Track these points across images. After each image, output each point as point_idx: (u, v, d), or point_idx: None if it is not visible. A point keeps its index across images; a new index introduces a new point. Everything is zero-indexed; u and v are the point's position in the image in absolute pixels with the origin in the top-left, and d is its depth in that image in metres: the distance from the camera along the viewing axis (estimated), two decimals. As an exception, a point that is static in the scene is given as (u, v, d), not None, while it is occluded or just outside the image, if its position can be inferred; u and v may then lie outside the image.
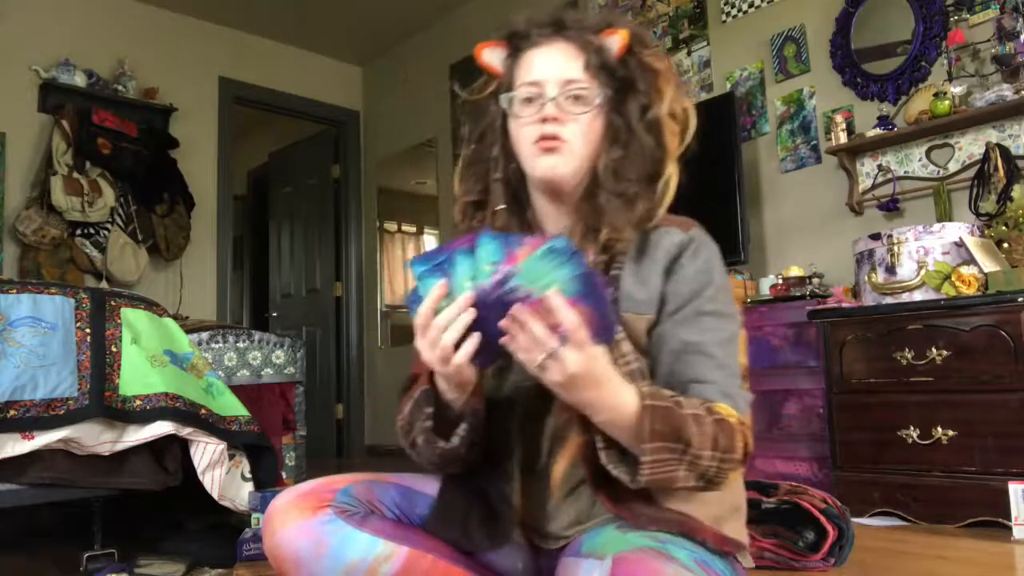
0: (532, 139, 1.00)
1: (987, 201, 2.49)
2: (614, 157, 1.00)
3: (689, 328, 0.97)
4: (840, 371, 2.39)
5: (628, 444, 0.88)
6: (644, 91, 1.02)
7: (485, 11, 4.63)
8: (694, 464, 0.87)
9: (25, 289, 1.91)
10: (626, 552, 0.86)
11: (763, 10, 3.34)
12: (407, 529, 1.06)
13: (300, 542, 0.99)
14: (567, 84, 1.00)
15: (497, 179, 1.06)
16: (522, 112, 1.02)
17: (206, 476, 1.97)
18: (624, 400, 0.86)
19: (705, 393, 0.94)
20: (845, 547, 1.54)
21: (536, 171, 1.01)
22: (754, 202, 3.26)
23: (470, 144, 1.11)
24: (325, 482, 1.06)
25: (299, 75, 5.20)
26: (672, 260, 0.99)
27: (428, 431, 1.00)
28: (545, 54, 1.02)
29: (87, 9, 4.35)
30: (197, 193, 4.54)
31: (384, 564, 1.00)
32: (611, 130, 1.02)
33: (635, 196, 1.00)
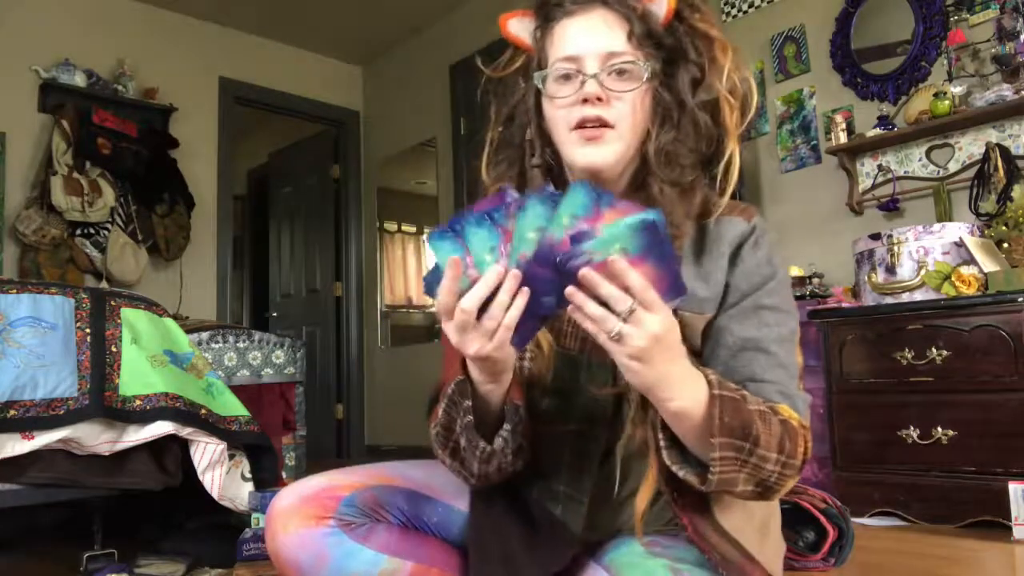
0: (571, 124, 0.88)
1: (987, 201, 2.49)
2: (666, 140, 0.89)
3: (747, 323, 0.89)
4: (840, 371, 2.39)
5: (693, 441, 0.80)
6: (696, 62, 0.91)
7: (485, 11, 4.62)
8: (758, 468, 0.79)
9: (25, 289, 1.91)
10: None
11: (763, 10, 3.34)
12: (412, 540, 1.02)
13: (301, 553, 0.96)
14: (609, 58, 0.87)
15: (536, 165, 0.95)
16: (558, 92, 0.89)
17: (206, 476, 1.97)
18: (696, 382, 0.77)
19: (763, 392, 0.86)
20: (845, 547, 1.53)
21: (577, 161, 0.90)
22: (754, 202, 3.26)
23: (497, 126, 1.00)
24: (328, 486, 1.00)
25: (299, 75, 5.20)
26: (734, 252, 0.91)
27: (471, 427, 0.89)
28: (582, 24, 0.89)
29: (87, 9, 4.35)
30: (197, 193, 4.54)
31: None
32: (661, 108, 0.90)
33: (692, 184, 0.90)
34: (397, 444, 4.87)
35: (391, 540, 0.98)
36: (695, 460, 0.81)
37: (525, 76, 0.97)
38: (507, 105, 0.99)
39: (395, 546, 0.97)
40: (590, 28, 0.89)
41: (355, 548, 0.95)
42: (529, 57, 0.96)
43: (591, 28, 0.89)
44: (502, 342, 0.76)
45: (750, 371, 0.87)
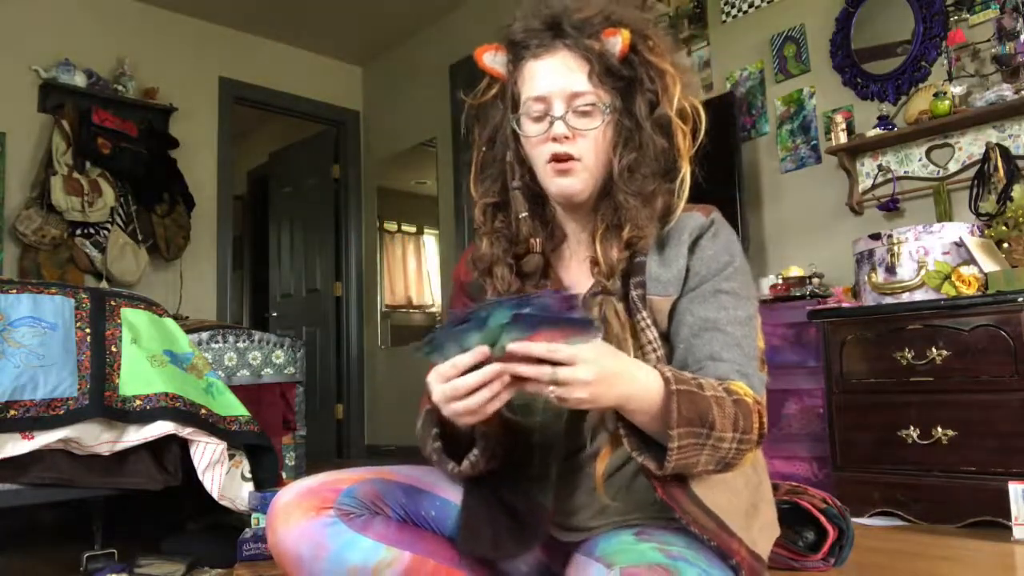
0: (545, 158, 1.00)
1: (987, 201, 2.48)
2: (628, 159, 1.00)
3: (706, 305, 0.97)
4: (840, 371, 2.39)
5: (655, 432, 0.88)
6: (651, 89, 1.01)
7: (485, 11, 4.62)
8: (716, 448, 0.88)
9: (25, 289, 1.91)
10: (635, 568, 0.84)
11: (763, 10, 3.34)
12: (411, 532, 1.04)
13: (301, 544, 0.99)
14: (573, 98, 0.98)
15: (516, 187, 1.06)
16: (531, 131, 1.01)
17: (206, 476, 1.97)
18: (650, 384, 0.86)
19: (720, 371, 0.94)
20: (845, 547, 1.53)
21: (551, 189, 1.02)
22: (754, 202, 3.26)
23: (481, 147, 1.11)
24: (329, 480, 1.04)
25: (299, 75, 5.20)
26: (694, 240, 1.00)
27: (439, 452, 1.00)
28: (547, 66, 1.00)
29: (87, 9, 4.35)
30: (197, 193, 4.54)
31: (385, 570, 0.99)
32: (622, 133, 1.01)
33: (653, 193, 1.00)
34: (397, 444, 4.87)
35: (389, 531, 1.01)
36: (655, 444, 0.89)
37: (502, 100, 1.07)
38: (488, 128, 1.10)
39: (393, 537, 1.01)
40: (554, 70, 0.99)
41: (354, 537, 0.98)
42: (503, 85, 1.06)
43: (555, 70, 0.99)
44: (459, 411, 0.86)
45: (710, 349, 0.95)
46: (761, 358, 1.02)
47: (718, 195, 3.32)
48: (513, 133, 1.05)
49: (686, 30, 3.61)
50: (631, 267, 0.99)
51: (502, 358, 0.81)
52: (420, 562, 1.01)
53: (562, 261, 1.10)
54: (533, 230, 1.05)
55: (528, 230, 1.05)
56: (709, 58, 3.51)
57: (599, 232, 1.01)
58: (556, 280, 1.08)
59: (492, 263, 1.07)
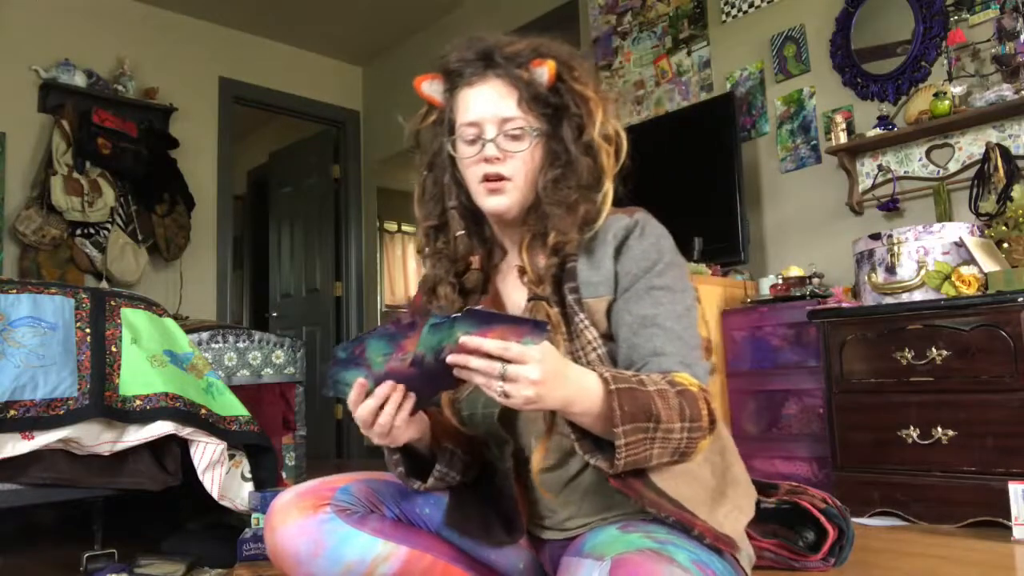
0: (478, 178, 1.06)
1: (987, 201, 2.48)
2: (553, 174, 1.05)
3: (642, 303, 1.01)
4: (840, 371, 2.39)
5: (602, 432, 0.90)
6: (576, 114, 1.06)
7: (484, 11, 4.63)
8: (666, 440, 0.90)
9: (25, 289, 1.91)
10: (625, 554, 0.86)
11: (763, 10, 3.34)
12: (407, 529, 1.06)
13: (299, 541, 1.00)
14: (504, 123, 1.04)
15: (453, 207, 1.13)
16: (465, 153, 1.07)
17: (206, 476, 1.97)
18: (590, 386, 0.88)
19: (664, 365, 0.97)
20: (845, 547, 1.53)
21: (484, 207, 1.08)
22: (754, 202, 3.26)
23: (423, 171, 1.17)
24: (326, 481, 1.07)
25: (299, 75, 5.20)
26: (621, 242, 1.04)
27: (402, 476, 1.07)
28: (480, 93, 1.06)
29: (87, 9, 4.35)
30: (197, 193, 4.54)
31: (382, 564, 1.01)
32: (550, 154, 1.06)
33: (576, 202, 1.04)
34: (397, 444, 4.86)
35: (385, 527, 1.05)
36: (608, 444, 0.90)
37: (440, 126, 1.13)
38: (428, 153, 1.16)
39: (390, 532, 1.03)
40: (486, 97, 1.06)
41: (351, 533, 1.00)
42: (440, 113, 1.13)
43: (487, 97, 1.06)
44: (394, 439, 0.98)
45: (652, 346, 0.99)
46: (705, 347, 1.05)
47: (718, 195, 3.34)
48: (450, 156, 1.11)
49: (686, 30, 3.61)
50: (563, 273, 1.04)
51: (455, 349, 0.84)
52: (417, 557, 1.03)
53: (501, 275, 1.14)
54: (471, 248, 1.12)
55: (466, 248, 1.11)
56: (709, 58, 3.51)
57: (525, 242, 1.07)
58: (495, 294, 1.12)
59: (436, 283, 1.13)
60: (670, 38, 3.68)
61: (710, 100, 3.35)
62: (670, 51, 3.67)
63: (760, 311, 2.77)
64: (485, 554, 1.08)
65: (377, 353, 0.92)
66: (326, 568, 1.00)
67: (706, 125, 3.18)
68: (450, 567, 1.06)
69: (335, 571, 1.00)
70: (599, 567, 0.86)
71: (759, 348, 2.75)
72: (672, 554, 0.87)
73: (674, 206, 3.31)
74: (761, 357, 2.74)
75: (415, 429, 1.01)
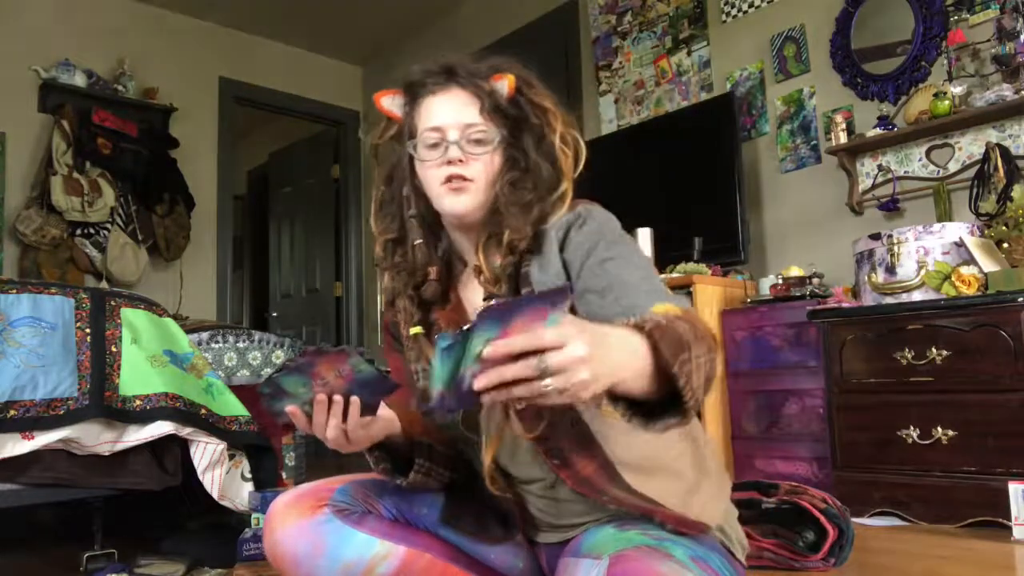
0: (440, 180, 1.06)
1: (987, 201, 2.48)
2: (511, 176, 1.07)
3: (599, 276, 1.00)
4: (840, 371, 2.39)
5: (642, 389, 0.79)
6: (536, 124, 1.09)
7: (485, 11, 4.63)
8: (699, 366, 0.82)
9: (25, 289, 1.91)
10: (623, 551, 0.86)
11: (763, 10, 3.34)
12: (405, 528, 1.07)
13: (298, 542, 1.00)
14: (467, 128, 1.06)
15: (412, 216, 1.13)
16: (428, 156, 1.08)
17: (206, 476, 1.97)
18: (629, 337, 0.78)
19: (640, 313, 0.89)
20: (845, 547, 1.54)
21: (446, 208, 1.08)
22: (754, 202, 3.26)
23: (381, 185, 1.17)
24: (324, 482, 1.09)
25: (299, 75, 5.20)
26: (563, 236, 1.04)
27: (387, 472, 1.08)
28: (443, 101, 1.08)
29: (87, 9, 4.35)
30: (197, 193, 4.54)
31: (381, 564, 1.01)
32: (510, 160, 1.08)
33: (531, 202, 1.05)
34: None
35: (383, 527, 1.05)
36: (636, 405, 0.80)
37: (399, 142, 1.13)
38: (387, 167, 1.16)
39: (388, 532, 1.04)
40: (450, 104, 1.08)
41: (349, 532, 1.01)
42: (400, 127, 1.13)
43: (451, 104, 1.08)
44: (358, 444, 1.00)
45: (621, 306, 0.96)
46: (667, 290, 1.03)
47: (718, 195, 3.34)
48: (409, 167, 1.12)
49: (686, 30, 3.61)
50: (519, 278, 1.04)
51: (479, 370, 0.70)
52: (415, 556, 1.03)
53: (462, 284, 1.15)
54: (429, 258, 1.12)
55: (424, 257, 1.11)
56: (709, 58, 3.51)
57: (481, 242, 1.07)
58: (457, 302, 1.13)
59: (395, 296, 1.13)
60: (670, 38, 3.68)
61: (710, 100, 3.35)
62: (670, 51, 3.67)
63: (760, 311, 2.77)
64: (484, 553, 1.09)
65: (295, 387, 0.93)
66: (325, 568, 1.00)
67: (706, 125, 3.18)
68: (449, 566, 1.06)
69: (334, 571, 1.00)
70: (597, 566, 0.86)
71: (759, 348, 2.75)
72: (669, 550, 0.87)
73: (674, 206, 3.32)
74: (761, 357, 2.74)
75: (379, 428, 1.02)
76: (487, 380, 0.69)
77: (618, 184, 3.43)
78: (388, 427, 1.05)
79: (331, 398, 0.95)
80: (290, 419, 0.96)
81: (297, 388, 0.94)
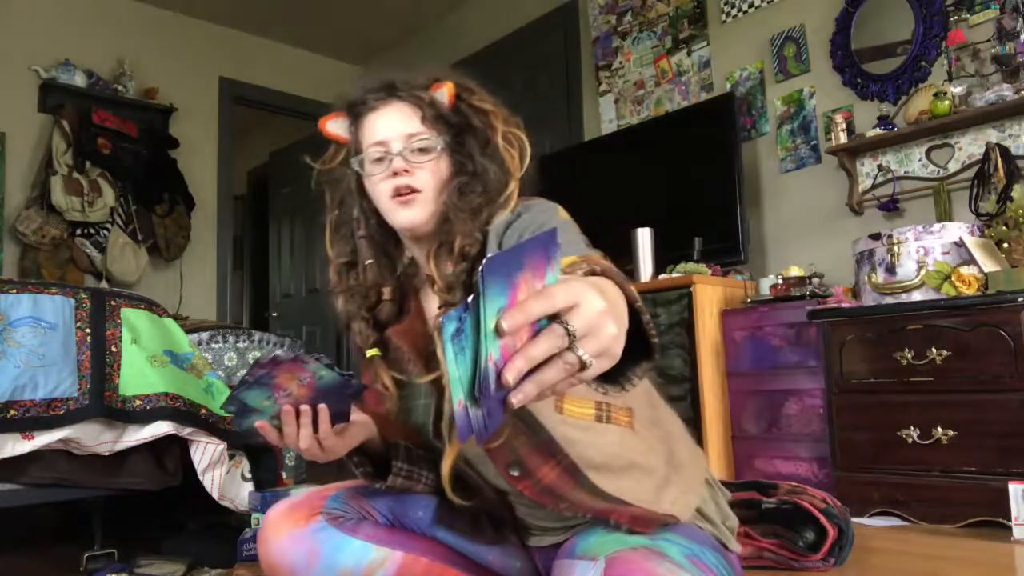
0: (388, 193, 1.07)
1: (987, 201, 2.48)
2: (460, 182, 1.07)
3: None
4: (840, 371, 2.39)
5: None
6: (479, 128, 1.10)
7: (485, 11, 4.63)
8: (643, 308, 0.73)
9: (25, 289, 1.91)
10: (619, 552, 0.86)
11: (763, 10, 3.34)
12: (400, 533, 1.06)
13: (293, 552, 1.00)
14: (410, 138, 1.07)
15: (362, 236, 1.14)
16: (374, 171, 1.08)
17: (206, 476, 1.97)
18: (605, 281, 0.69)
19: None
20: (845, 547, 1.53)
21: (397, 222, 1.08)
22: (754, 202, 3.26)
23: (333, 210, 1.19)
24: (317, 491, 1.09)
25: (299, 75, 5.20)
26: (503, 232, 1.04)
27: (368, 476, 1.06)
28: (385, 116, 1.09)
29: (87, 9, 4.35)
30: (197, 193, 4.54)
31: (378, 570, 1.01)
32: (457, 166, 1.09)
33: (480, 206, 1.05)
34: (397, 444, 4.86)
35: (379, 533, 1.04)
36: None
37: (347, 165, 1.14)
38: (338, 191, 1.17)
39: (383, 538, 1.03)
40: (391, 117, 1.09)
41: (344, 540, 1.00)
42: (348, 150, 1.15)
43: (392, 117, 1.09)
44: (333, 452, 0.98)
45: None
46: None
47: (718, 195, 3.33)
48: (359, 187, 1.13)
49: (686, 30, 3.61)
50: (470, 284, 1.02)
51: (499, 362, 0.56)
52: (412, 561, 1.03)
53: (424, 292, 1.14)
54: (381, 277, 1.12)
55: (375, 277, 1.11)
56: (709, 58, 3.51)
57: (433, 251, 1.06)
58: (419, 310, 1.12)
59: (349, 320, 1.12)
60: (670, 38, 3.68)
61: (710, 100, 3.35)
62: (670, 51, 3.67)
63: (760, 311, 2.77)
64: (481, 554, 1.08)
65: (259, 401, 0.92)
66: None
67: (706, 125, 3.18)
68: (446, 569, 1.06)
69: None
70: (593, 568, 0.86)
71: (759, 348, 2.75)
72: (664, 549, 0.87)
73: (674, 206, 3.32)
74: (761, 357, 2.74)
75: (354, 433, 1.01)
76: (516, 369, 0.55)
77: (618, 184, 3.43)
78: (364, 431, 1.03)
79: (298, 409, 0.93)
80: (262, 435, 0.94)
81: (261, 402, 0.92)
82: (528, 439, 0.92)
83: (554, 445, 0.93)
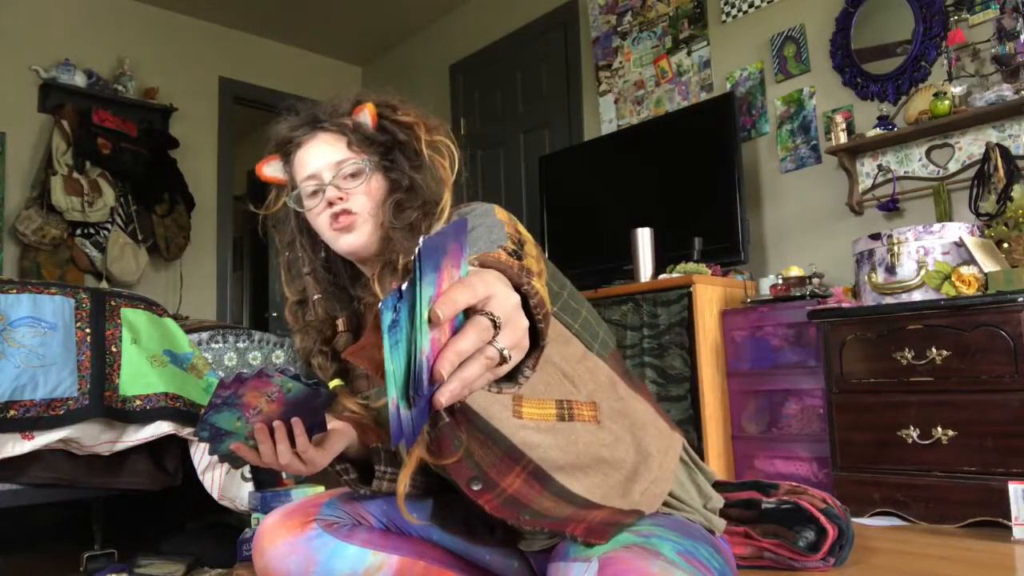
0: (327, 223, 1.08)
1: (987, 201, 2.48)
2: (396, 199, 1.08)
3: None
4: (840, 371, 2.39)
5: None
6: (406, 142, 1.11)
7: (485, 11, 4.62)
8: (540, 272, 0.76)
9: (25, 289, 1.91)
10: (611, 552, 0.85)
11: (763, 10, 3.34)
12: (397, 537, 1.06)
13: (289, 560, 1.00)
14: (338, 165, 1.08)
15: (307, 273, 1.15)
16: (311, 204, 1.10)
17: (206, 476, 1.97)
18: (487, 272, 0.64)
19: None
20: (845, 547, 1.53)
21: (341, 249, 1.10)
22: (754, 202, 3.26)
23: (284, 251, 1.20)
24: (310, 498, 1.09)
25: (299, 75, 5.20)
26: None
27: (353, 483, 1.06)
28: (312, 149, 1.10)
29: (87, 9, 4.35)
30: (197, 193, 4.54)
31: (376, 574, 1.00)
32: (391, 183, 1.09)
33: (418, 220, 1.06)
34: (397, 444, 4.86)
35: (374, 537, 1.04)
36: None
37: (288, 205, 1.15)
38: (286, 233, 1.19)
39: (379, 542, 1.03)
40: (318, 149, 1.10)
41: (340, 546, 1.00)
42: (287, 190, 1.16)
43: (319, 149, 1.10)
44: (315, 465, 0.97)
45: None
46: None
47: (718, 195, 3.33)
48: (301, 224, 1.14)
49: (686, 30, 3.61)
50: None
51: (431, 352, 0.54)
52: (409, 564, 1.02)
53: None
54: (332, 308, 1.13)
55: (324, 310, 1.12)
56: (709, 58, 3.51)
57: (376, 273, 1.06)
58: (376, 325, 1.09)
59: (307, 356, 1.13)
60: (670, 38, 3.68)
61: (710, 100, 3.35)
62: (670, 51, 3.67)
63: (760, 311, 2.77)
64: (479, 554, 1.08)
65: (231, 423, 0.90)
66: None
67: (706, 125, 3.18)
68: (444, 571, 1.05)
69: None
70: (588, 569, 0.85)
71: (759, 348, 2.75)
72: (657, 547, 0.87)
73: (674, 206, 3.32)
74: (761, 357, 2.74)
75: (334, 442, 1.00)
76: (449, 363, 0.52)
77: (618, 184, 3.43)
78: (344, 439, 1.02)
79: (271, 425, 0.92)
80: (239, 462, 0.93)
81: (233, 423, 0.90)
82: (488, 450, 0.91)
83: (516, 452, 0.92)
